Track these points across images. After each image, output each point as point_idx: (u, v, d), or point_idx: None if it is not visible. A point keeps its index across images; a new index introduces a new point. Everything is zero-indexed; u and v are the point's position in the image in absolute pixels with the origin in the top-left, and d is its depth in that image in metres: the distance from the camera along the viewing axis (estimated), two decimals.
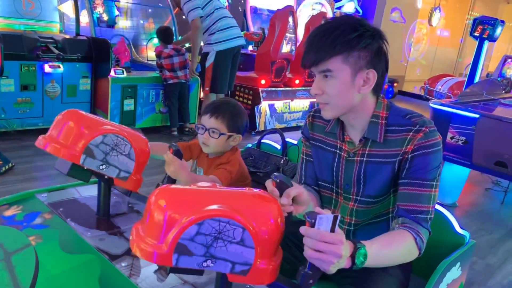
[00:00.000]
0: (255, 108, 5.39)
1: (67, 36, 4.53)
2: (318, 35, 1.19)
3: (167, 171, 1.41)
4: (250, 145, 2.22)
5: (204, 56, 4.48)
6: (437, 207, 1.61)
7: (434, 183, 1.22)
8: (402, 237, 1.17)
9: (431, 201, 1.22)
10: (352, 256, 1.00)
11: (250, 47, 7.02)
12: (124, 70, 4.60)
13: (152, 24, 6.24)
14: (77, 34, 4.64)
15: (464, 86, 4.92)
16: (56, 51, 4.06)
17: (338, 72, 1.18)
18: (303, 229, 0.95)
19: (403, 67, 11.97)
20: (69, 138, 1.24)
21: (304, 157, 1.48)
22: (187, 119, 4.99)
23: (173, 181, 1.43)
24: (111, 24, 5.85)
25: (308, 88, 6.06)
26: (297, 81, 5.90)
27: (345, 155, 1.33)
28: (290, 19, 5.52)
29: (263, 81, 5.41)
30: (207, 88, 4.49)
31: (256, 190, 1.05)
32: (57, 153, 1.23)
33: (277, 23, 5.36)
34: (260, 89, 5.38)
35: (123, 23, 5.99)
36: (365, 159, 1.29)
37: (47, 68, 4.15)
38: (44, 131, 1.31)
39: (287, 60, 5.59)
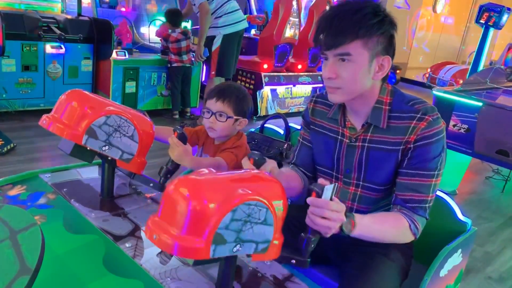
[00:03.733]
0: (257, 93, 5.36)
1: (69, 17, 4.48)
2: (338, 17, 1.16)
3: (170, 155, 1.41)
4: (253, 130, 2.22)
5: (210, 40, 4.43)
6: (440, 194, 1.62)
7: (436, 172, 1.22)
8: (397, 219, 1.21)
9: (430, 191, 1.23)
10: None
11: (253, 31, 6.95)
12: (126, 51, 4.56)
13: (154, 6, 6.17)
14: (79, 14, 4.59)
15: (468, 74, 4.88)
16: (58, 32, 4.03)
17: (357, 57, 1.16)
18: (310, 199, 1.03)
19: (406, 54, 11.87)
20: (72, 118, 1.24)
21: (301, 140, 1.49)
22: (188, 103, 4.96)
23: (177, 165, 1.43)
24: (113, 5, 5.77)
25: (311, 73, 6.02)
26: (299, 66, 5.85)
27: (347, 140, 1.33)
28: (294, 3, 5.46)
29: (265, 66, 5.37)
30: (213, 72, 4.46)
31: (256, 171, 1.07)
32: (60, 132, 1.22)
33: (281, 7, 5.30)
34: (263, 74, 5.35)
35: (125, 4, 5.92)
36: (366, 144, 1.29)
37: (48, 49, 4.12)
38: (45, 111, 1.31)
39: (290, 45, 5.54)
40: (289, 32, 5.43)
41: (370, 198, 1.33)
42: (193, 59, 4.77)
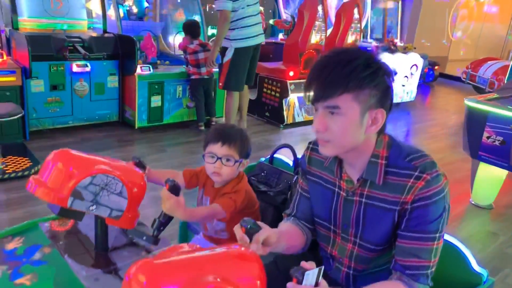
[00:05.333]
0: (283, 101, 5.28)
1: (94, 34, 4.57)
2: (328, 68, 1.10)
3: (163, 208, 1.37)
4: (263, 159, 2.16)
5: (223, 50, 4.39)
6: (454, 241, 1.51)
7: (437, 235, 1.12)
8: None
9: (432, 255, 1.13)
10: None
11: (281, 35, 6.85)
12: (150, 66, 4.60)
13: (182, 15, 6.20)
14: (105, 31, 4.67)
15: (507, 77, 4.59)
16: (83, 51, 4.11)
17: (347, 110, 1.09)
18: (290, 286, 0.95)
19: (446, 47, 11.40)
20: (57, 181, 1.23)
21: (299, 190, 1.41)
22: (212, 113, 4.96)
23: (170, 217, 1.40)
24: (141, 16, 5.86)
25: None
26: None
27: (343, 194, 1.25)
28: (320, 7, 5.32)
29: (291, 73, 5.28)
30: (221, 84, 4.43)
31: (236, 247, 1.02)
32: (44, 197, 1.22)
33: (306, 13, 5.18)
34: (288, 82, 5.25)
35: (152, 15, 5.98)
36: (364, 200, 1.21)
37: (75, 68, 4.22)
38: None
39: (317, 51, 5.41)
40: (315, 38, 5.29)
41: (366, 258, 1.25)
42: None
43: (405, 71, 6.84)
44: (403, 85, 6.96)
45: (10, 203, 3.08)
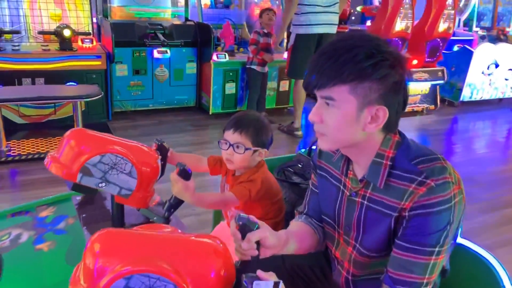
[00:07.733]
0: None
1: (176, 22, 4.78)
2: (325, 55, 1.01)
3: (172, 191, 1.39)
4: (302, 151, 2.09)
5: (290, 36, 4.31)
6: (488, 257, 1.31)
7: (436, 249, 0.98)
8: None
9: (427, 271, 0.99)
10: None
11: (368, 22, 6.54)
12: (226, 54, 4.69)
13: (267, 3, 6.22)
14: (186, 19, 4.86)
15: None
16: (162, 38, 4.33)
17: (342, 103, 0.99)
18: None
19: None
20: (67, 158, 1.31)
21: (310, 186, 1.33)
22: (260, 108, 4.75)
23: (180, 200, 1.42)
24: (227, 4, 5.99)
25: (429, 69, 5.46)
26: (414, 62, 5.33)
27: (347, 192, 1.15)
28: None
29: None
30: (286, 70, 4.34)
31: (205, 239, 0.99)
32: (57, 172, 1.30)
33: None
34: None
35: (238, 3, 6.07)
36: (365, 202, 1.10)
37: (155, 54, 4.47)
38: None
39: (403, 39, 5.07)
40: (400, 26, 4.95)
41: (362, 263, 1.14)
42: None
43: (509, 63, 6.12)
44: (506, 79, 6.24)
45: None
